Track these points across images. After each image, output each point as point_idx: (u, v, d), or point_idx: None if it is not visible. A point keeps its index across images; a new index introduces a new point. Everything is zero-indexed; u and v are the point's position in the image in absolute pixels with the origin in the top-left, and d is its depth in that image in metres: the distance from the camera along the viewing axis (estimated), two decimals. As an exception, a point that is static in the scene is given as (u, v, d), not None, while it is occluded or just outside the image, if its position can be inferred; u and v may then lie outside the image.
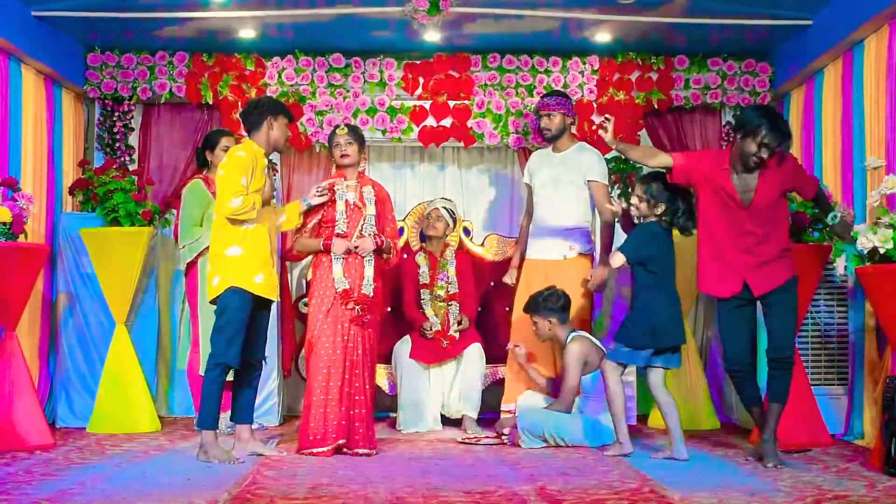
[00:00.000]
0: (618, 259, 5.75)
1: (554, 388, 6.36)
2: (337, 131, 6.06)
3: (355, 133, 6.10)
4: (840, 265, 5.43)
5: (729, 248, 5.51)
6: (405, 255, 7.48)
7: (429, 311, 7.22)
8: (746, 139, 5.35)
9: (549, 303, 6.23)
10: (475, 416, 6.90)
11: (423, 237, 7.50)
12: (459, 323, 7.16)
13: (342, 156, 6.01)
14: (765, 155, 5.34)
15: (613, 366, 5.79)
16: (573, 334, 6.19)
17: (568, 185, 6.58)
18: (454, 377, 7.07)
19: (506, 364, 6.80)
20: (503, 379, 6.92)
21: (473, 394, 6.95)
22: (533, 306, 6.28)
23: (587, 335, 6.27)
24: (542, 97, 6.84)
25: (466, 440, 6.37)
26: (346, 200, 5.94)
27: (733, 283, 5.51)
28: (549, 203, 6.62)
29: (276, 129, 5.63)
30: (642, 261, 5.75)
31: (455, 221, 7.46)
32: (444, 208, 7.33)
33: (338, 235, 5.88)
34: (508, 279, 6.84)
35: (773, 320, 5.51)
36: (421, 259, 7.37)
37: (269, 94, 7.63)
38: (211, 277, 5.51)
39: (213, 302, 5.50)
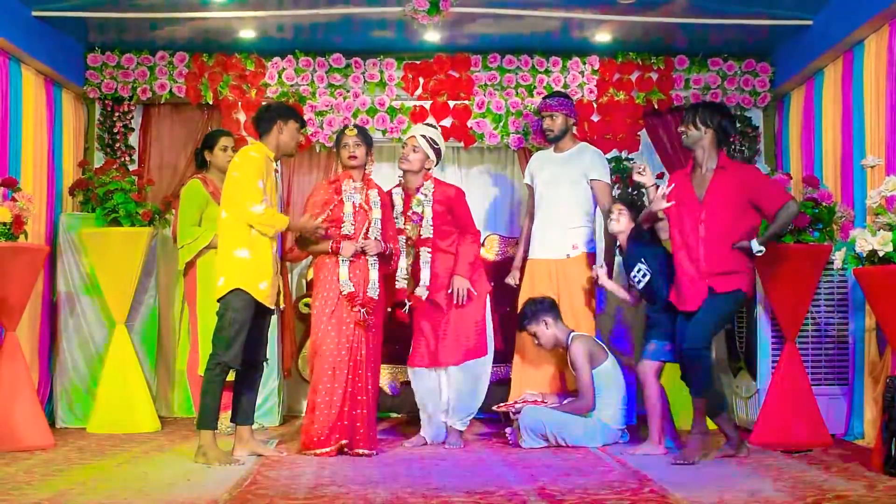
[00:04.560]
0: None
1: (561, 398, 6.36)
2: (346, 131, 5.99)
3: (364, 135, 6.03)
4: (838, 259, 5.43)
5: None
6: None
7: (401, 261, 6.24)
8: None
9: (535, 307, 6.25)
10: (462, 428, 6.31)
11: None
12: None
13: (350, 157, 5.95)
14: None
15: (653, 365, 5.91)
16: (573, 335, 6.20)
17: (570, 185, 6.59)
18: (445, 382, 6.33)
19: (511, 363, 6.73)
20: (501, 379, 6.88)
21: (463, 405, 6.29)
22: (524, 318, 6.29)
23: (585, 334, 6.28)
24: (543, 98, 6.84)
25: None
26: (353, 202, 5.93)
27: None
28: (552, 203, 6.61)
29: (286, 133, 5.63)
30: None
31: (438, 154, 6.33)
32: (423, 136, 6.28)
33: (344, 237, 5.88)
34: (511, 280, 6.79)
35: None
36: (397, 197, 6.34)
37: (269, 94, 7.66)
38: (217, 277, 5.51)
39: (219, 300, 5.49)
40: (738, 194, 5.56)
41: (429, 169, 6.27)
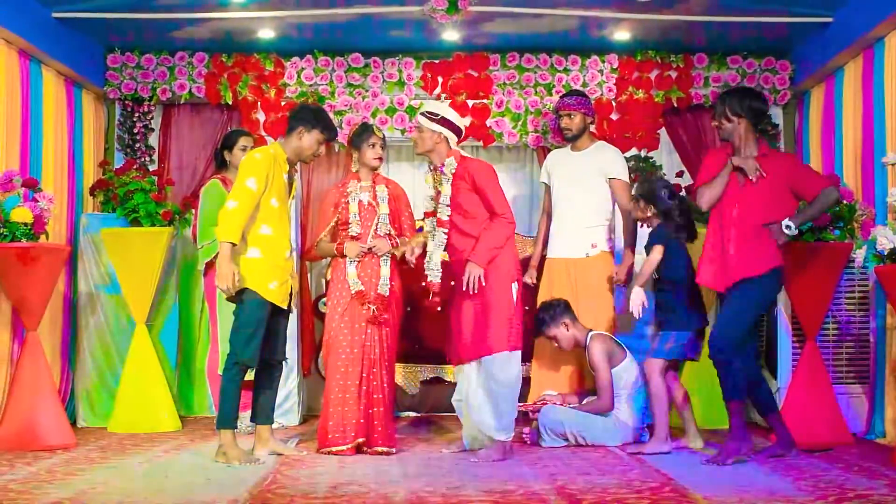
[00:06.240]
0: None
1: (581, 398, 6.35)
2: (375, 131, 6.02)
3: (384, 139, 6.12)
4: (859, 257, 5.41)
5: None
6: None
7: (428, 246, 5.79)
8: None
9: (553, 310, 6.24)
10: (502, 438, 5.59)
11: None
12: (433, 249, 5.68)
13: (377, 157, 6.00)
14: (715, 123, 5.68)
15: (659, 363, 5.90)
16: (591, 334, 6.20)
17: (589, 183, 6.58)
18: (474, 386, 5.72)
19: (530, 363, 6.69)
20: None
21: (495, 410, 5.61)
22: (542, 324, 6.27)
23: (604, 333, 6.27)
24: (561, 97, 6.83)
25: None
26: (360, 201, 5.95)
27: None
28: (571, 201, 6.61)
29: (306, 140, 5.58)
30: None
31: (446, 123, 5.64)
32: (421, 114, 5.71)
33: (351, 238, 5.89)
34: (528, 279, 6.72)
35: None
36: (429, 179, 5.87)
37: (288, 94, 7.67)
38: None
39: (230, 300, 5.50)
40: (778, 181, 5.48)
41: (450, 145, 5.67)
